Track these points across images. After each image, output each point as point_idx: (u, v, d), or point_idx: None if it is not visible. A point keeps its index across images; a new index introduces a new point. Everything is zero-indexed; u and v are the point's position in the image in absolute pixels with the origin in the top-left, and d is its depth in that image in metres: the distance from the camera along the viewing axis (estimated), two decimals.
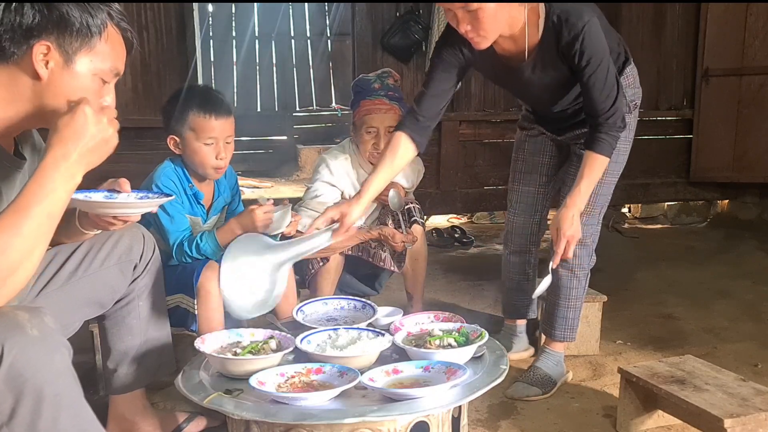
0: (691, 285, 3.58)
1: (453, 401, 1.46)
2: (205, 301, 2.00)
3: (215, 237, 2.05)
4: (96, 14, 1.29)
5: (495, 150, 4.90)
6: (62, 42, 1.26)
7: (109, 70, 1.34)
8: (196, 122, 2.05)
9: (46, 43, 1.25)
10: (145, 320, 1.80)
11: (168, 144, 2.11)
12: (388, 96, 2.42)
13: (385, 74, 2.49)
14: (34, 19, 1.24)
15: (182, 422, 1.90)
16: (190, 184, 2.15)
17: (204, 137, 2.05)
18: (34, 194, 1.13)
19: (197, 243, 2.04)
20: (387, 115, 2.40)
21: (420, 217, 2.56)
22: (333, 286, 2.42)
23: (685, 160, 5.19)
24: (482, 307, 3.24)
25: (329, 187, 2.43)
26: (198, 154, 2.07)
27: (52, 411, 1.08)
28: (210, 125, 2.05)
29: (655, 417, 1.96)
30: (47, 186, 1.14)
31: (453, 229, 5.00)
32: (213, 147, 2.07)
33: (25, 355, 1.05)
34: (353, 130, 2.51)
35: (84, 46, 1.29)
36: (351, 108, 2.52)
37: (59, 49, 1.26)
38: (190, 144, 2.07)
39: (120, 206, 1.45)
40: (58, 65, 1.27)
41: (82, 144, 1.19)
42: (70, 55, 1.28)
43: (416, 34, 4.49)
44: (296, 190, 6.57)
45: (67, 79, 1.29)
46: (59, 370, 1.10)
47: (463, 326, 1.79)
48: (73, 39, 1.27)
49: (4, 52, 1.25)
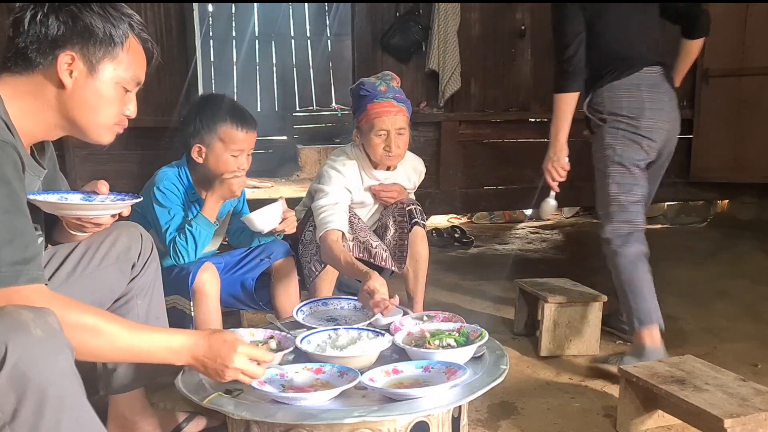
0: (690, 285, 3.58)
1: (453, 401, 1.46)
2: (201, 303, 2.00)
3: (203, 217, 2.06)
4: (118, 25, 1.34)
5: (495, 150, 4.91)
6: (86, 52, 1.31)
7: (131, 79, 1.39)
8: (227, 133, 2.09)
9: (71, 53, 1.30)
10: (144, 319, 1.80)
11: (191, 152, 2.11)
12: (395, 98, 2.41)
13: (387, 76, 2.48)
14: (59, 29, 1.29)
15: (182, 422, 1.90)
16: (194, 191, 2.15)
17: (233, 148, 2.10)
18: (152, 336, 1.31)
19: (188, 229, 2.04)
20: (397, 117, 2.39)
21: (421, 218, 2.55)
22: (332, 287, 2.43)
23: (684, 160, 5.19)
24: (482, 307, 3.24)
25: (344, 191, 2.40)
26: (223, 164, 2.10)
27: (55, 411, 1.08)
28: (240, 137, 2.10)
29: (655, 417, 1.96)
30: (161, 343, 1.31)
31: (453, 229, 5.00)
32: (237, 159, 2.12)
33: (29, 355, 1.06)
34: (358, 135, 2.47)
35: (107, 55, 1.34)
36: (355, 112, 2.49)
37: (83, 58, 1.31)
38: (217, 154, 2.10)
39: (80, 208, 1.46)
40: (82, 74, 1.32)
41: (209, 362, 1.34)
42: (94, 64, 1.33)
43: (416, 34, 4.49)
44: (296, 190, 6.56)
45: (91, 88, 1.34)
46: (63, 370, 1.10)
47: (463, 326, 1.79)
48: (97, 49, 1.32)
49: (30, 62, 1.30)
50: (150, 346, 1.29)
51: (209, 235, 2.07)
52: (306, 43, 8.85)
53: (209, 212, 2.07)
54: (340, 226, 2.26)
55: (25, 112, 1.31)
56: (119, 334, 1.24)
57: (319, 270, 2.36)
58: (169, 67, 4.15)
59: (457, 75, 4.55)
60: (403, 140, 2.42)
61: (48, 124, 1.36)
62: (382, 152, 2.40)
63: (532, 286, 2.71)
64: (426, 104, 4.62)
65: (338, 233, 2.25)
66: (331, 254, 2.17)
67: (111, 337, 1.23)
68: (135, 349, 1.28)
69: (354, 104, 2.50)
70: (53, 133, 1.39)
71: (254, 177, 2.29)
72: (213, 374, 1.37)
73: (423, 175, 2.75)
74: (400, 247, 2.52)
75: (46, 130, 1.37)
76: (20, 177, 1.23)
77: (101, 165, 4.00)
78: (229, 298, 2.30)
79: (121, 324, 1.27)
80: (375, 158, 2.44)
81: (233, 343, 1.35)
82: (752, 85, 4.79)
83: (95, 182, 1.52)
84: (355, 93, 2.48)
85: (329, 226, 2.24)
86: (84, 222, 1.51)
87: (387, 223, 2.55)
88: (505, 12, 4.76)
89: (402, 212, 2.54)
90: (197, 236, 2.04)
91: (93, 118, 1.36)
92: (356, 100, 2.47)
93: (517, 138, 4.93)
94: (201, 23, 5.06)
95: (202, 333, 1.37)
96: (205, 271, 2.00)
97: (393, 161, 2.45)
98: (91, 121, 1.37)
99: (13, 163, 1.20)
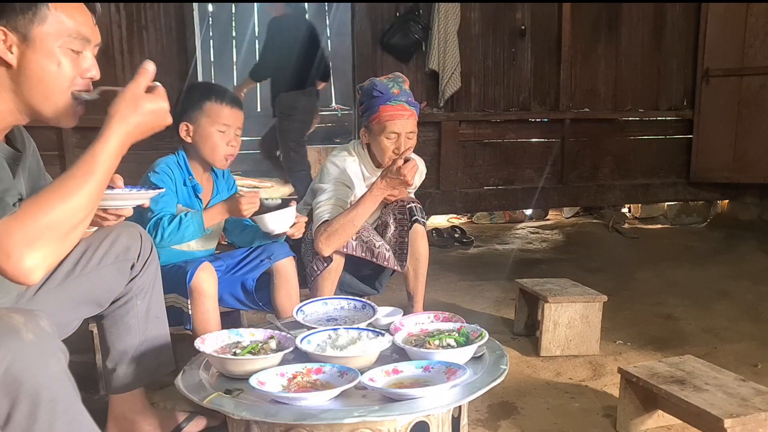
0: (691, 285, 3.58)
1: (453, 401, 1.46)
2: (199, 303, 2.00)
3: (201, 217, 2.06)
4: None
5: (495, 150, 4.91)
6: (14, 23, 1.26)
7: (73, 38, 1.31)
8: (212, 109, 2.13)
9: (2, 28, 1.25)
10: (144, 319, 1.80)
11: (179, 131, 2.15)
12: (408, 102, 2.42)
13: (399, 79, 2.48)
14: None
15: (182, 422, 1.90)
16: (191, 176, 2.16)
17: (218, 123, 2.13)
18: (93, 163, 1.20)
19: (180, 218, 2.03)
20: (408, 120, 2.41)
21: (421, 217, 2.55)
22: (334, 287, 2.42)
23: (685, 161, 5.20)
24: (482, 307, 3.24)
25: (343, 186, 2.42)
26: (210, 140, 2.13)
27: (48, 415, 1.07)
28: (225, 112, 2.14)
29: (655, 417, 1.96)
30: (102, 158, 1.21)
31: (453, 229, 5.00)
32: (225, 135, 2.14)
33: (21, 360, 1.05)
34: (367, 134, 2.47)
35: (35, 19, 1.27)
36: (365, 112, 2.47)
37: (14, 31, 1.26)
38: (203, 129, 2.13)
39: (109, 198, 1.45)
40: (20, 48, 1.27)
41: (140, 117, 1.25)
42: (26, 33, 1.26)
43: (416, 34, 4.49)
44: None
45: (36, 58, 1.28)
46: (55, 374, 1.09)
47: (463, 326, 1.79)
48: (22, 16, 1.26)
49: None
50: (103, 168, 1.22)
51: (194, 235, 2.06)
52: None
53: (208, 218, 2.07)
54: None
55: None
56: (79, 187, 1.18)
57: (321, 269, 2.37)
58: (168, 67, 4.16)
59: (457, 75, 4.55)
60: (412, 143, 2.44)
61: (9, 109, 1.32)
62: (390, 154, 2.41)
63: (532, 286, 2.71)
64: (426, 104, 4.62)
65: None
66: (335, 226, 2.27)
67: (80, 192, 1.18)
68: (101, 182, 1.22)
69: (365, 103, 2.48)
70: (18, 118, 1.35)
71: (254, 177, 2.30)
72: (158, 123, 1.30)
73: (423, 175, 2.75)
74: (400, 245, 2.52)
75: (8, 114, 1.32)
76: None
77: None
78: (230, 299, 2.30)
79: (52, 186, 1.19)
80: (382, 159, 2.45)
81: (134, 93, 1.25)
82: (753, 85, 4.79)
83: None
84: (367, 92, 2.47)
85: (325, 217, 2.29)
86: (108, 214, 1.49)
87: (387, 221, 2.55)
88: (505, 12, 4.76)
89: (402, 210, 2.54)
90: (183, 229, 2.02)
91: (46, 89, 1.30)
92: (368, 100, 2.47)
93: (517, 138, 4.94)
94: (201, 23, 5.06)
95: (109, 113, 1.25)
96: (203, 270, 2.00)
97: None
98: (46, 94, 1.31)
99: None
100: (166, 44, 4.17)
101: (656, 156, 5.20)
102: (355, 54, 4.62)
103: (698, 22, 4.99)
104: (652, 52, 5.08)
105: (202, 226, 2.05)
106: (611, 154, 5.12)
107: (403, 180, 2.26)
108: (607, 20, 4.99)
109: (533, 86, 4.90)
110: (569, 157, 5.01)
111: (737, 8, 4.78)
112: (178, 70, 4.17)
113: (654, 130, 5.22)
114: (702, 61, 4.99)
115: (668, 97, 5.17)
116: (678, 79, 5.14)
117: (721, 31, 4.89)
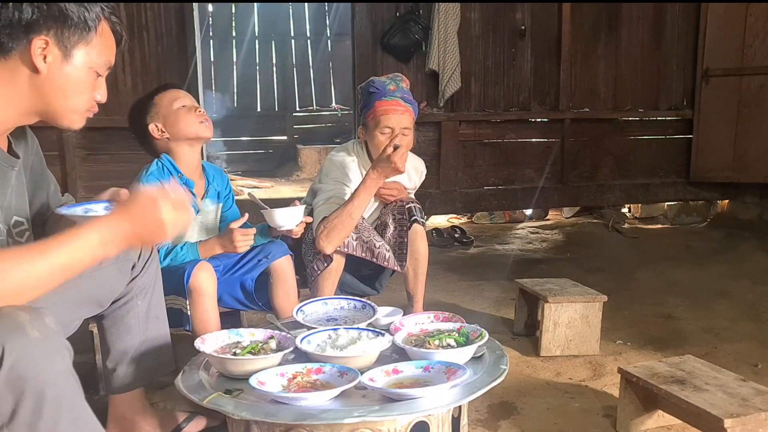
0: (691, 285, 3.58)
1: (453, 401, 1.46)
2: (198, 303, 2.00)
3: (197, 249, 2.13)
4: (91, 8, 1.33)
5: (495, 150, 4.91)
6: (61, 36, 1.29)
7: (103, 63, 1.38)
8: (161, 98, 2.20)
9: (45, 38, 1.28)
10: (144, 320, 1.80)
11: (153, 134, 2.18)
12: (403, 98, 2.43)
13: (398, 78, 2.50)
14: (33, 14, 1.26)
15: (182, 422, 1.90)
16: (180, 174, 2.17)
17: (174, 102, 2.18)
18: (65, 243, 1.17)
19: (177, 252, 2.10)
20: (403, 116, 2.41)
21: (421, 217, 2.55)
22: (334, 287, 2.42)
23: (685, 160, 5.20)
24: (482, 307, 3.24)
25: (343, 186, 2.42)
26: (180, 119, 2.17)
27: (53, 413, 1.08)
28: (170, 94, 2.21)
29: (655, 417, 1.96)
30: (80, 244, 1.18)
31: (453, 229, 5.00)
32: (187, 109, 2.19)
33: (26, 357, 1.05)
34: (363, 131, 2.50)
35: (81, 40, 1.32)
36: (362, 109, 2.49)
37: (58, 43, 1.30)
38: (167, 116, 2.17)
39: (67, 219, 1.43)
40: (56, 59, 1.30)
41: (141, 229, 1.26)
42: (69, 49, 1.31)
43: (416, 34, 4.49)
44: (296, 190, 6.57)
45: (66, 73, 1.32)
46: (60, 371, 1.10)
47: (463, 326, 1.79)
48: (71, 33, 1.30)
49: (3, 47, 1.27)
50: (72, 256, 1.18)
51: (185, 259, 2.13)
52: (306, 43, 8.86)
53: (204, 252, 2.15)
54: None
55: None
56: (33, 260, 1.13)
57: (322, 269, 2.37)
58: (169, 67, 4.16)
59: (457, 75, 4.55)
60: (407, 140, 2.42)
61: (20, 111, 1.34)
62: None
63: (532, 286, 2.71)
64: (426, 104, 4.62)
65: None
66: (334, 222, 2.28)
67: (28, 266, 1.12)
68: (59, 267, 1.16)
69: (362, 101, 2.51)
70: (26, 120, 1.38)
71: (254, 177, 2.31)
72: (153, 239, 1.30)
73: (424, 175, 2.75)
74: (399, 245, 2.52)
75: (18, 116, 1.35)
76: None
77: (101, 165, 4.00)
78: (229, 299, 2.30)
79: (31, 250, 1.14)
80: (377, 156, 2.45)
81: (152, 200, 1.26)
82: (752, 84, 4.80)
83: (116, 190, 1.51)
84: (365, 90, 2.50)
85: (324, 215, 2.31)
86: None
87: (386, 221, 2.55)
88: (505, 12, 4.77)
89: (402, 210, 2.54)
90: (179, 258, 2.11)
91: (66, 103, 1.35)
92: (365, 97, 2.49)
93: (517, 138, 4.94)
94: (201, 23, 5.06)
95: (115, 211, 1.28)
96: (201, 269, 2.00)
97: None
98: (64, 106, 1.35)
99: None
100: (166, 44, 4.17)
101: (656, 156, 5.20)
102: (355, 54, 4.62)
103: (698, 21, 4.99)
104: (651, 52, 5.08)
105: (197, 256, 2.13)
106: (611, 154, 5.12)
107: (395, 167, 2.24)
108: (607, 20, 4.99)
109: (533, 86, 4.91)
110: (569, 157, 5.01)
111: (737, 8, 4.78)
112: (178, 70, 4.17)
113: (654, 130, 5.22)
114: (702, 61, 4.99)
115: (668, 97, 5.17)
116: (678, 78, 5.15)
117: (721, 31, 4.89)
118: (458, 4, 4.50)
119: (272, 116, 8.48)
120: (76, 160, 4.03)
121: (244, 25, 8.40)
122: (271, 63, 8.63)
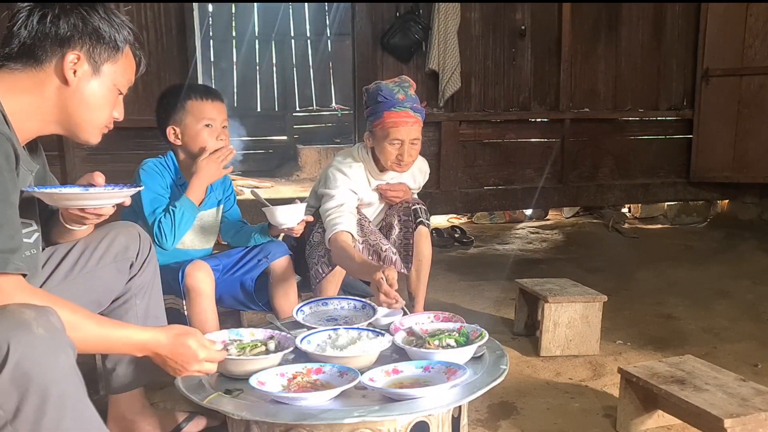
0: (691, 285, 3.58)
1: (453, 401, 1.46)
2: (195, 302, 2.00)
3: (188, 198, 2.09)
4: (121, 30, 1.42)
5: (495, 150, 4.91)
6: (92, 53, 1.38)
7: (126, 81, 1.47)
8: (194, 106, 2.14)
9: (78, 53, 1.36)
10: (143, 319, 1.80)
11: (167, 136, 2.15)
12: (413, 108, 2.39)
13: (406, 84, 2.45)
14: (69, 30, 1.35)
15: (182, 422, 1.90)
16: (179, 175, 2.16)
17: (203, 119, 2.14)
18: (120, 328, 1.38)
19: (172, 209, 2.05)
20: (413, 128, 2.39)
21: (425, 218, 2.55)
22: (337, 289, 2.42)
23: (685, 160, 5.20)
24: (482, 307, 3.24)
25: (350, 193, 2.40)
26: (199, 137, 2.14)
27: (57, 410, 1.08)
28: (207, 107, 2.15)
29: (655, 417, 1.96)
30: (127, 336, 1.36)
31: (453, 229, 5.00)
32: (212, 129, 2.15)
33: (31, 354, 1.06)
34: (371, 138, 2.44)
35: (110, 58, 1.41)
36: (369, 116, 2.46)
37: (89, 59, 1.38)
38: (190, 128, 2.14)
39: (88, 197, 1.46)
40: (86, 74, 1.38)
41: (176, 360, 1.40)
42: (98, 65, 1.40)
43: (416, 34, 4.49)
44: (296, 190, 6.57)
45: (92, 87, 1.40)
46: (64, 369, 1.10)
47: (463, 326, 1.79)
48: (102, 51, 1.39)
49: (36, 58, 1.34)
50: (115, 341, 1.35)
51: (191, 218, 2.08)
52: (306, 43, 8.85)
53: (194, 195, 2.10)
54: (348, 227, 2.27)
55: (22, 108, 1.33)
56: (91, 329, 1.29)
57: (326, 272, 2.36)
58: (169, 67, 4.15)
59: (457, 75, 4.55)
60: (416, 150, 2.42)
61: (44, 121, 1.38)
62: (393, 160, 2.40)
63: (532, 286, 2.71)
64: (426, 104, 4.62)
65: (348, 235, 2.26)
66: (344, 254, 2.18)
67: (84, 333, 1.26)
68: (103, 344, 1.36)
69: (370, 107, 2.45)
70: (47, 129, 1.41)
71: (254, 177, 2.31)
72: (170, 371, 1.43)
73: (427, 175, 2.76)
74: (405, 246, 2.52)
75: (41, 126, 1.39)
76: (11, 169, 1.24)
77: (101, 165, 3.98)
78: (230, 299, 2.30)
79: (92, 319, 1.31)
80: (385, 164, 2.44)
81: (195, 353, 1.40)
82: (752, 84, 4.80)
83: (90, 174, 1.53)
84: (372, 96, 2.44)
85: (338, 228, 2.25)
86: (87, 213, 1.50)
87: (392, 223, 2.55)
88: (505, 12, 4.77)
89: (407, 212, 2.54)
90: (179, 218, 2.04)
91: (89, 116, 1.41)
92: (372, 104, 2.44)
93: (518, 138, 4.94)
94: (201, 23, 5.06)
95: (167, 333, 1.40)
96: (197, 268, 2.00)
97: (403, 169, 2.46)
98: (86, 119, 1.41)
99: (5, 155, 1.21)
100: (166, 44, 4.17)
101: (656, 156, 5.20)
102: (355, 54, 4.62)
103: (698, 22, 4.99)
104: (651, 52, 5.08)
105: (193, 206, 2.09)
106: (611, 154, 5.12)
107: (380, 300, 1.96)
108: (607, 20, 4.99)
109: (533, 86, 4.90)
110: (569, 157, 5.01)
111: (737, 8, 4.78)
112: (178, 70, 4.17)
113: (654, 130, 5.22)
114: (702, 61, 4.99)
115: (668, 97, 5.17)
116: (678, 78, 5.14)
117: (721, 31, 4.89)
118: (458, 4, 4.49)
119: (272, 116, 8.47)
120: (76, 160, 4.03)
121: (244, 25, 8.40)
122: (271, 63, 8.62)
